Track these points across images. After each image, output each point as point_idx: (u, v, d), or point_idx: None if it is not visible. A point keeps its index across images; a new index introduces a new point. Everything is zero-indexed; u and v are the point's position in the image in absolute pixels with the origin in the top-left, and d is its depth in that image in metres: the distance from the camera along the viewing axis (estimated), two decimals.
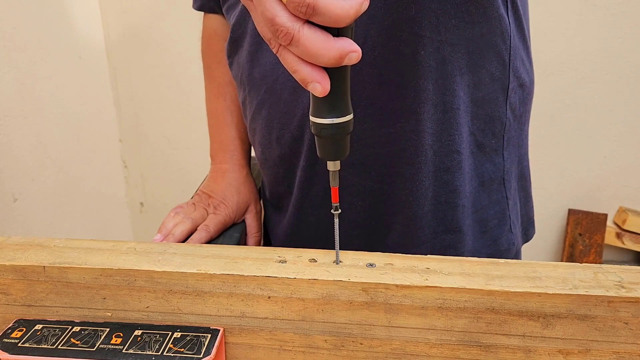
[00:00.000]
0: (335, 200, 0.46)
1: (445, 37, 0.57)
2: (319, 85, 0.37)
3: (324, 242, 0.66)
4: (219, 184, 0.75)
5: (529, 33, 0.68)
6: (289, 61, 0.37)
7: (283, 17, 0.34)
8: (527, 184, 0.74)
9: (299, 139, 0.64)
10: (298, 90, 0.61)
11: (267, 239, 0.80)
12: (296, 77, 0.37)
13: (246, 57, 0.67)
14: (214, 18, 0.83)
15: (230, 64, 0.72)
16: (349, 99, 0.40)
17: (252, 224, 0.74)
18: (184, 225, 0.65)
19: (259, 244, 0.72)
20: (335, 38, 0.35)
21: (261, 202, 0.81)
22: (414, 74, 0.57)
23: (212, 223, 0.68)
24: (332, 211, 0.46)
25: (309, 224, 0.68)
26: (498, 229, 0.67)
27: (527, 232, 0.75)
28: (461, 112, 0.60)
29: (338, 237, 0.46)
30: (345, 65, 0.38)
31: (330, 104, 0.40)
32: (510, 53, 0.62)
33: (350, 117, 0.41)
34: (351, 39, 0.37)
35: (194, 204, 0.70)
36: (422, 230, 0.63)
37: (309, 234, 0.69)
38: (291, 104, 0.62)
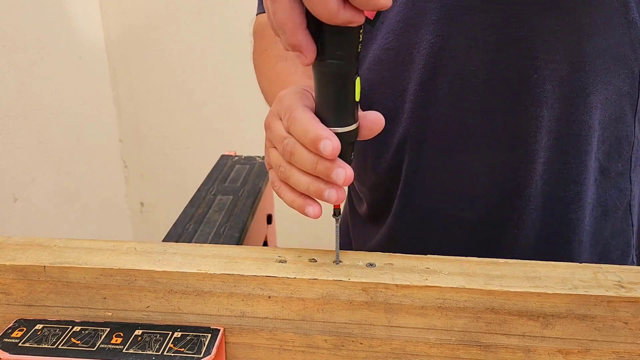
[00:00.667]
0: (337, 206, 0.45)
1: (563, 56, 0.50)
2: (306, 55, 0.36)
3: None
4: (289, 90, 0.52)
5: None
6: (281, 20, 0.34)
7: None
8: None
9: (396, 167, 0.59)
10: (395, 118, 0.58)
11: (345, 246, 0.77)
12: (288, 39, 0.35)
13: None
14: None
15: None
16: (355, 109, 0.40)
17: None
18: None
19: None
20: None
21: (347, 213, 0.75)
22: (524, 100, 0.52)
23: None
24: (332, 216, 0.46)
25: (402, 249, 0.64)
26: (621, 261, 0.61)
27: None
28: (582, 138, 0.54)
29: (339, 237, 0.46)
30: (351, 75, 0.38)
31: (334, 113, 0.40)
32: None
33: (353, 127, 0.41)
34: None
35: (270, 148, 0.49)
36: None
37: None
38: (388, 132, 0.55)
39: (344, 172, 0.41)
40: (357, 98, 0.40)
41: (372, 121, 0.43)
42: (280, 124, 0.45)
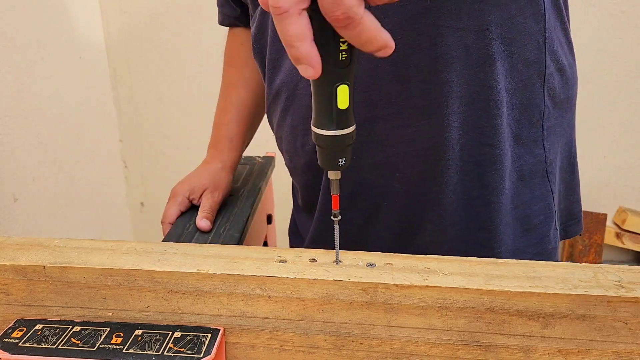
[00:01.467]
0: (335, 207, 0.46)
1: (468, 24, 0.54)
2: (312, 70, 0.35)
3: (351, 246, 0.65)
4: (188, 177, 0.81)
5: (567, 12, 0.63)
6: (290, 34, 0.34)
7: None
8: (571, 176, 0.70)
9: None
10: None
11: (300, 246, 0.80)
12: (291, 52, 0.35)
13: (268, 65, 0.66)
14: (237, 31, 0.83)
15: (263, 75, 0.72)
16: (352, 111, 0.40)
17: (203, 203, 0.75)
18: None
19: (207, 224, 0.72)
20: (382, 28, 0.35)
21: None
22: (435, 67, 0.55)
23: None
24: (332, 217, 0.46)
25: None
26: (545, 226, 0.64)
27: (568, 228, 0.71)
28: (492, 103, 0.57)
29: (338, 240, 0.46)
30: (350, 77, 0.38)
31: (332, 115, 0.40)
32: (545, 35, 0.58)
33: (351, 129, 0.41)
34: None
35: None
36: (453, 227, 0.61)
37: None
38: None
39: None
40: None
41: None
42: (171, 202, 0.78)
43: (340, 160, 0.42)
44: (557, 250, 0.66)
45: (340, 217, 0.46)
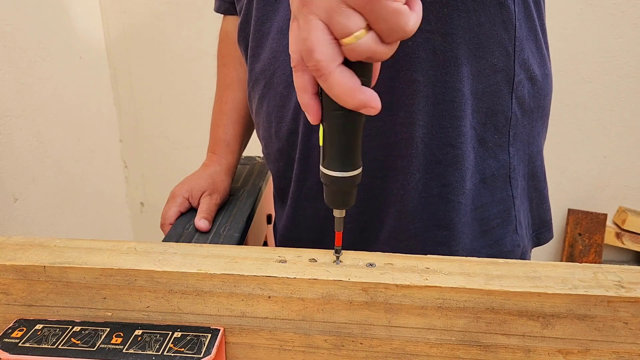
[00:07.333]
0: (338, 244, 0.46)
1: (435, 27, 0.55)
2: (310, 116, 0.39)
3: (321, 235, 0.67)
4: (187, 179, 0.82)
5: (542, 24, 0.64)
6: (298, 83, 0.38)
7: (322, 53, 0.34)
8: (541, 185, 0.71)
9: (294, 132, 0.64)
10: (292, 83, 0.62)
11: (276, 235, 0.82)
12: (299, 99, 0.39)
13: (250, 52, 0.68)
14: (230, 19, 0.84)
15: (246, 62, 0.74)
16: (360, 154, 0.41)
17: (202, 204, 0.76)
18: None
19: (206, 225, 0.73)
20: (362, 87, 0.36)
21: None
22: (402, 65, 0.56)
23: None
24: (335, 254, 0.46)
25: (306, 216, 0.69)
26: (501, 229, 0.66)
27: (540, 235, 0.72)
28: (456, 105, 0.58)
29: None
30: (359, 121, 0.39)
31: (340, 157, 0.41)
32: (515, 43, 0.59)
33: (359, 170, 0.42)
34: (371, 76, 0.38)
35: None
36: (413, 224, 0.63)
37: (306, 226, 0.69)
38: (286, 98, 0.63)
39: None
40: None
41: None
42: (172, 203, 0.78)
43: (347, 199, 0.43)
44: (514, 254, 0.67)
45: (342, 254, 0.46)
